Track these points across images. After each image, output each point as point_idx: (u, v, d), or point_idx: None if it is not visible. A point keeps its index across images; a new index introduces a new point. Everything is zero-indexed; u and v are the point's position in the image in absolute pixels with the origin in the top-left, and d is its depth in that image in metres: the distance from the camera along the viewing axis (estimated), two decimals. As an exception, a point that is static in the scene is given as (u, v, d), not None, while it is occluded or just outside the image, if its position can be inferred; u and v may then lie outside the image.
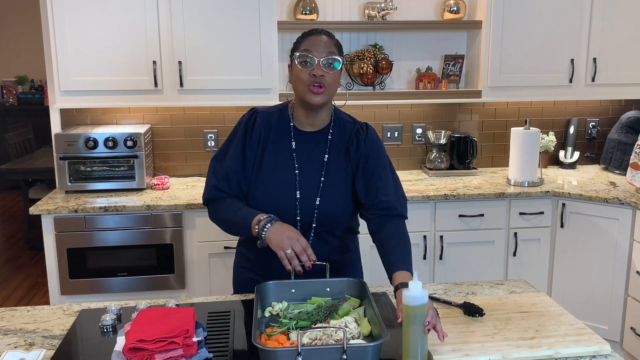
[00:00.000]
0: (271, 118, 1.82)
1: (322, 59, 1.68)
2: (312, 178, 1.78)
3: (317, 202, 1.77)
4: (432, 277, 3.14)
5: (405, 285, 1.49)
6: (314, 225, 1.79)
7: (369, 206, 1.80)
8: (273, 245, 1.59)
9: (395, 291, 1.54)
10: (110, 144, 3.02)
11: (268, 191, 1.77)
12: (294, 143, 1.79)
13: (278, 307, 1.59)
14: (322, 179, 1.78)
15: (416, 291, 1.33)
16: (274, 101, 3.10)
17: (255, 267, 1.87)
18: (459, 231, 3.11)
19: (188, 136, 3.47)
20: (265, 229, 1.62)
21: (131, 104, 3.11)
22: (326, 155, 1.80)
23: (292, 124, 1.81)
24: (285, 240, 1.59)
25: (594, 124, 3.77)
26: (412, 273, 1.50)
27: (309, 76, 1.68)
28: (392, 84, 3.53)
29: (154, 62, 3.03)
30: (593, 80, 3.35)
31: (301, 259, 1.59)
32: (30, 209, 2.82)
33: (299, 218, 1.77)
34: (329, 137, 1.81)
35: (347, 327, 1.43)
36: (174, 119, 3.45)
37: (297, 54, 1.71)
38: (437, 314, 1.42)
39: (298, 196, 1.76)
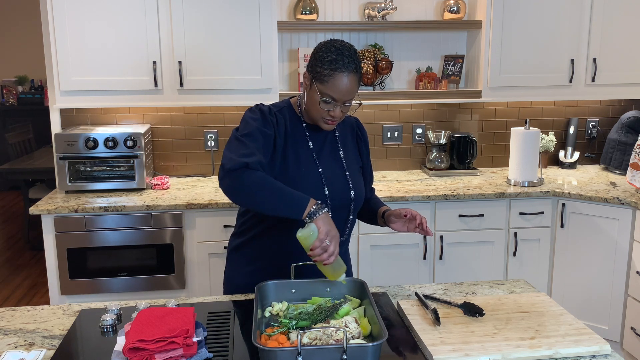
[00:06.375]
0: (285, 116, 1.83)
1: (342, 104, 1.73)
2: (337, 175, 1.85)
3: (352, 196, 1.85)
4: (432, 277, 3.14)
5: (388, 209, 1.90)
6: (350, 217, 1.88)
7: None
8: (321, 230, 1.56)
9: (383, 215, 1.89)
10: (110, 144, 3.03)
11: (297, 189, 1.75)
12: (311, 143, 1.84)
13: (278, 307, 1.59)
14: (347, 173, 1.86)
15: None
16: (274, 101, 3.09)
17: (268, 264, 1.86)
18: (459, 231, 3.12)
19: (188, 136, 3.47)
20: (321, 213, 1.59)
21: (131, 104, 3.11)
22: (341, 152, 1.89)
23: (304, 124, 1.84)
24: (334, 232, 1.58)
25: (594, 124, 3.77)
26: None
27: (327, 113, 1.74)
28: (392, 84, 3.53)
29: (154, 62, 3.03)
30: (593, 80, 3.35)
31: (323, 256, 1.56)
32: (31, 209, 2.82)
33: (330, 214, 1.80)
34: (336, 133, 1.90)
35: (347, 327, 1.43)
36: (174, 119, 3.45)
37: (320, 98, 1.71)
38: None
39: (327, 192, 1.80)
